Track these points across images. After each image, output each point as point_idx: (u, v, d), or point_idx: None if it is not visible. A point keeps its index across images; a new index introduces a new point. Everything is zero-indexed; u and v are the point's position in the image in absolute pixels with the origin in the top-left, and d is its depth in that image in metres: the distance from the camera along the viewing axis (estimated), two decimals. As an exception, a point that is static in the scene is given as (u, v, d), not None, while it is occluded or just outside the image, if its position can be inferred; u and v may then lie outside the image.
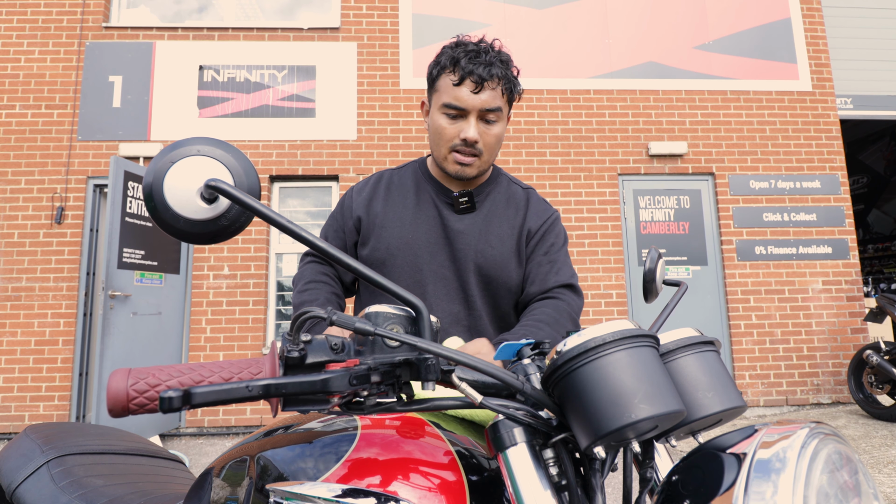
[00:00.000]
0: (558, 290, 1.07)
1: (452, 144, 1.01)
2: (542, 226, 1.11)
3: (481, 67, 0.96)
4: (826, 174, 4.86)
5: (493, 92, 0.98)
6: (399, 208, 1.10)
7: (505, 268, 1.07)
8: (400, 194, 1.12)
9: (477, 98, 0.97)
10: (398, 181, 1.14)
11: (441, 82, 1.01)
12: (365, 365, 0.42)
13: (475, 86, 0.96)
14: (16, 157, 4.39)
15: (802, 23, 5.04)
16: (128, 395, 0.39)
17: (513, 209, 1.12)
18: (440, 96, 1.01)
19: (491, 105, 0.98)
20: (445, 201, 1.10)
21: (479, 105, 0.98)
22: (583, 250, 4.63)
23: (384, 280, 0.44)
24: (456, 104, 0.98)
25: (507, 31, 4.87)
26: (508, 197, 1.14)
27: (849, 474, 0.43)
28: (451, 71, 0.98)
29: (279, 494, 0.52)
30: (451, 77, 0.98)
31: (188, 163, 0.42)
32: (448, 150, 1.02)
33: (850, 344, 4.63)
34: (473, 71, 0.96)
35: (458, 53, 0.98)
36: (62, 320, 4.21)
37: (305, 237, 0.43)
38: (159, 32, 4.66)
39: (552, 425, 0.46)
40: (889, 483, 2.69)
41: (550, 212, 1.15)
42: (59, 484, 0.85)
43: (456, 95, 0.98)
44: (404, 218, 1.08)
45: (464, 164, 1.02)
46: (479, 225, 1.08)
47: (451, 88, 0.98)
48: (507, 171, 1.42)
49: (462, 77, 0.97)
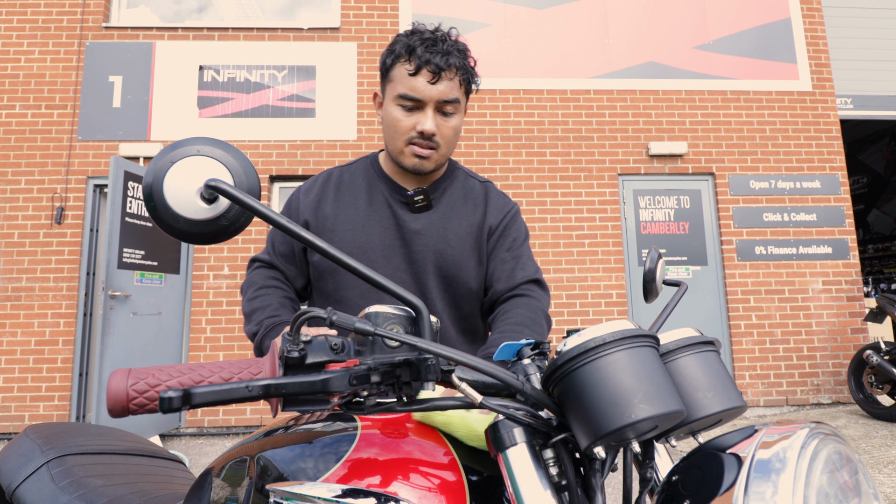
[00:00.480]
0: (526, 287, 1.03)
1: (409, 137, 0.96)
2: (502, 221, 1.07)
3: (438, 56, 0.91)
4: (826, 174, 4.86)
5: (450, 82, 0.94)
6: (350, 209, 1.04)
7: (465, 267, 1.03)
8: (351, 194, 1.05)
9: (434, 88, 0.93)
10: (349, 180, 1.08)
11: (396, 72, 0.95)
12: (365, 365, 0.42)
13: (432, 76, 0.92)
14: (16, 157, 4.39)
15: (802, 23, 5.04)
16: (128, 395, 0.39)
17: (471, 205, 1.07)
18: (395, 87, 0.95)
19: (448, 96, 0.94)
20: (400, 200, 1.04)
21: (436, 96, 0.93)
22: (583, 250, 4.63)
23: (384, 280, 0.44)
24: (412, 95, 0.93)
25: (507, 31, 4.87)
26: (466, 192, 1.08)
27: (849, 474, 0.43)
28: (406, 60, 0.93)
29: (279, 494, 0.52)
30: (406, 66, 0.93)
31: (188, 163, 0.42)
32: (404, 143, 0.97)
33: (850, 344, 4.63)
34: (430, 60, 0.91)
35: (413, 42, 0.93)
36: (62, 320, 4.21)
37: (305, 237, 0.43)
38: (159, 32, 4.66)
39: (552, 425, 0.46)
40: (889, 483, 2.68)
41: (510, 206, 1.10)
42: (59, 484, 0.85)
43: (412, 86, 0.92)
44: (356, 220, 1.02)
45: (421, 156, 0.97)
46: (436, 223, 1.03)
47: (407, 78, 0.93)
48: (507, 170, 1.39)
49: (418, 66, 0.91)
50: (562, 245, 4.63)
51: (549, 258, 4.60)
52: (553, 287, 4.56)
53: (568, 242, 4.64)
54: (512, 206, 1.11)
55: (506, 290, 1.02)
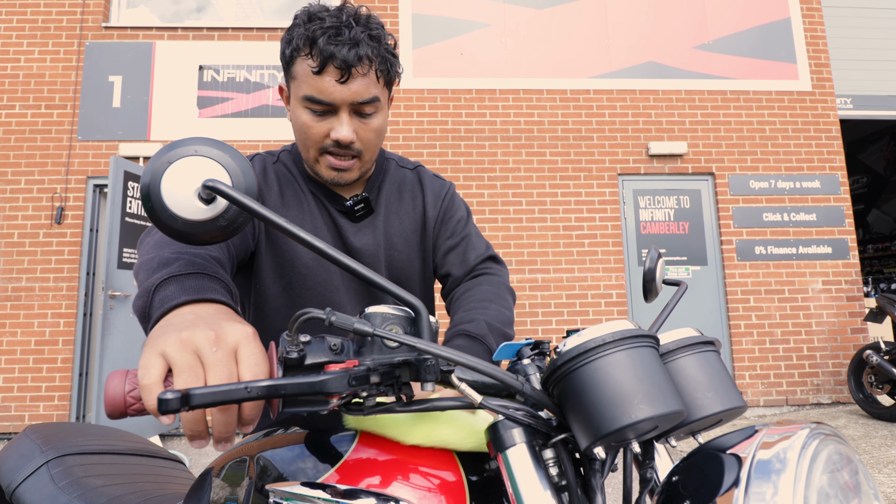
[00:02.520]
0: (482, 266, 0.98)
1: (323, 146, 0.82)
2: (441, 205, 0.99)
3: (345, 49, 0.75)
4: (826, 174, 4.86)
5: (364, 78, 0.78)
6: (297, 214, 0.90)
7: (413, 265, 0.97)
8: (294, 195, 0.91)
9: (345, 89, 0.77)
10: (284, 178, 0.92)
11: (298, 68, 0.79)
12: (364, 366, 0.42)
13: (340, 73, 0.76)
14: (16, 157, 4.39)
15: (802, 23, 5.04)
16: (125, 399, 0.38)
17: (409, 197, 0.98)
18: (299, 86, 0.79)
19: (364, 96, 0.78)
20: (339, 210, 0.92)
21: (349, 98, 0.78)
22: (583, 250, 4.63)
23: (383, 280, 0.44)
24: (319, 97, 0.77)
25: (506, 31, 4.87)
26: (400, 184, 0.99)
27: (849, 475, 0.43)
28: (307, 54, 0.76)
29: (279, 495, 0.52)
30: (309, 63, 0.76)
31: (185, 163, 0.42)
32: (318, 153, 0.83)
33: (850, 344, 4.63)
34: (335, 54, 0.74)
35: (313, 30, 0.75)
36: (62, 320, 4.21)
37: (303, 237, 0.42)
38: (159, 32, 4.66)
39: (552, 426, 0.46)
40: (889, 483, 2.68)
41: (445, 187, 1.02)
42: (58, 484, 0.84)
43: (318, 87, 0.77)
44: (304, 227, 0.89)
45: (340, 168, 0.84)
46: (380, 231, 0.94)
47: (311, 77, 0.77)
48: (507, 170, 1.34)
49: (322, 63, 0.75)
50: (562, 245, 4.63)
51: (549, 258, 4.60)
52: (553, 287, 4.57)
53: (568, 242, 4.63)
54: (447, 187, 1.02)
55: (463, 275, 0.97)
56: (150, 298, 0.54)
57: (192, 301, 0.52)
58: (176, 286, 0.54)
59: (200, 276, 0.57)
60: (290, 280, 0.89)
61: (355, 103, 0.79)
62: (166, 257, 0.60)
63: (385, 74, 0.82)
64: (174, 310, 0.51)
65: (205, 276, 0.57)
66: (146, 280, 0.57)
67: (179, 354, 0.41)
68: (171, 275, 0.56)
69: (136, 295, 0.57)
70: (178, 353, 0.41)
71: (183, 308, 0.51)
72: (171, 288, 0.54)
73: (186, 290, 0.53)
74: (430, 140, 4.68)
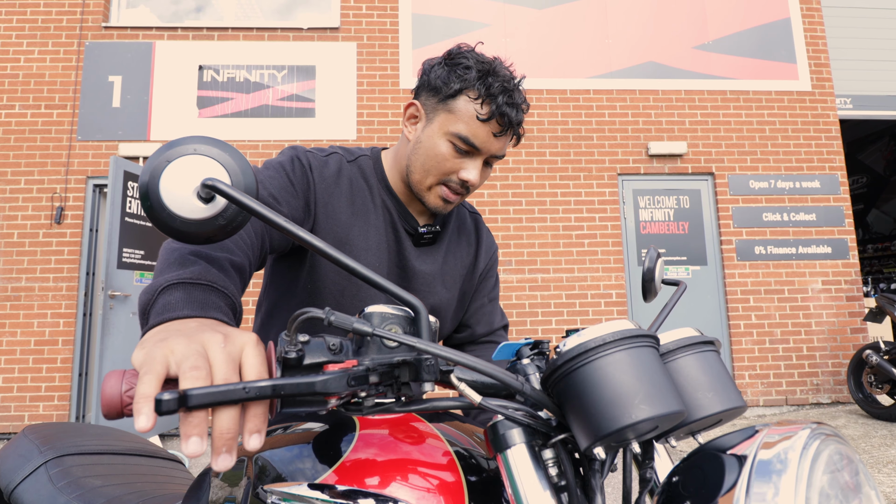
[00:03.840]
0: (497, 334, 1.06)
1: (447, 179, 0.86)
2: (489, 262, 1.05)
3: (514, 111, 0.82)
4: (826, 174, 4.86)
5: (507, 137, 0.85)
6: (363, 225, 0.90)
7: (449, 310, 0.99)
8: (363, 205, 0.91)
9: (497, 142, 0.83)
10: (357, 183, 0.92)
11: (461, 105, 0.82)
12: (363, 366, 0.42)
13: (500, 129, 0.82)
14: (15, 157, 4.38)
15: (802, 23, 5.04)
16: (122, 399, 0.38)
17: (465, 243, 1.02)
18: (454, 121, 0.83)
19: (503, 151, 0.86)
20: (407, 230, 0.93)
21: (494, 150, 0.84)
22: (582, 250, 4.63)
23: (382, 279, 0.44)
24: (473, 141, 0.82)
25: (507, 31, 4.87)
26: (461, 225, 1.03)
27: (850, 475, 0.43)
28: (478, 99, 0.81)
29: (277, 495, 0.52)
30: (476, 107, 0.81)
31: (184, 162, 0.42)
32: (437, 182, 0.86)
33: (850, 344, 4.63)
34: (506, 113, 0.81)
35: (493, 85, 0.80)
36: (62, 320, 4.20)
37: (303, 237, 0.42)
38: (159, 32, 4.65)
39: (552, 426, 0.46)
40: (889, 483, 2.68)
41: (494, 247, 1.07)
42: (57, 484, 0.84)
43: (477, 133, 0.82)
44: (369, 239, 0.90)
45: (450, 202, 0.88)
46: (438, 264, 0.97)
47: (474, 121, 0.81)
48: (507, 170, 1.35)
49: (491, 114, 0.80)
50: (561, 245, 4.63)
51: (549, 258, 4.60)
52: (553, 287, 4.57)
53: (567, 242, 4.63)
54: (496, 247, 1.09)
55: (483, 335, 1.04)
56: (155, 299, 0.53)
57: (192, 317, 0.51)
58: (182, 294, 0.52)
59: (208, 290, 0.55)
60: None
61: (493, 156, 0.86)
62: (185, 257, 0.58)
63: (518, 138, 0.88)
64: (174, 321, 0.50)
65: (213, 289, 0.55)
66: (160, 272, 0.56)
67: (187, 355, 0.40)
68: (181, 280, 0.54)
69: (145, 289, 0.55)
70: (185, 355, 0.40)
71: (185, 319, 0.50)
72: (177, 295, 0.52)
73: (191, 304, 0.52)
74: (430, 140, 4.67)
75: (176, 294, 0.52)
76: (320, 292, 0.89)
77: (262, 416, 0.40)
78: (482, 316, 1.03)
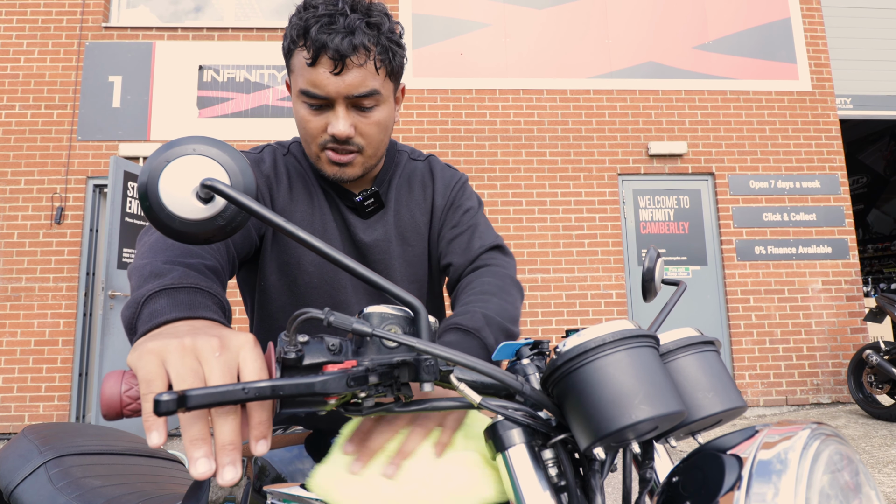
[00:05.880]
0: (486, 256, 0.89)
1: (322, 141, 0.78)
2: (449, 196, 0.95)
3: (339, 37, 0.70)
4: (826, 174, 4.86)
5: (361, 70, 0.73)
6: (308, 211, 0.86)
7: (422, 265, 0.95)
8: (304, 192, 0.88)
9: (339, 81, 0.72)
10: (294, 173, 0.89)
11: (295, 61, 0.75)
12: (362, 366, 0.42)
13: (334, 64, 0.71)
14: (16, 157, 4.38)
15: (802, 23, 5.04)
16: (121, 400, 0.38)
17: (419, 189, 0.94)
18: (296, 79, 0.76)
19: (360, 89, 0.74)
20: (348, 206, 0.89)
21: (343, 90, 0.73)
22: (582, 250, 4.63)
23: (381, 279, 0.44)
24: (313, 91, 0.73)
25: (507, 32, 4.87)
26: (411, 176, 0.95)
27: (850, 475, 0.43)
28: (302, 46, 0.73)
29: (277, 496, 0.52)
30: (303, 54, 0.73)
31: (183, 162, 0.42)
32: (319, 148, 0.79)
33: (850, 344, 4.63)
34: (328, 44, 0.70)
35: (306, 20, 0.72)
36: (62, 320, 4.20)
37: (302, 237, 0.42)
38: (159, 32, 4.66)
39: (551, 426, 0.46)
40: (889, 483, 2.68)
41: (457, 177, 0.98)
42: (56, 485, 0.84)
43: (312, 79, 0.73)
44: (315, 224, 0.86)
45: (341, 163, 0.79)
46: (391, 226, 0.91)
47: (306, 70, 0.73)
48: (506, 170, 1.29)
49: (316, 54, 0.71)
50: (561, 245, 4.63)
51: (549, 258, 4.60)
52: (552, 287, 4.56)
53: (567, 242, 4.63)
54: (458, 177, 0.98)
55: (466, 263, 0.89)
56: (139, 310, 0.52)
57: (182, 318, 0.50)
58: (167, 300, 0.52)
59: (192, 291, 0.54)
60: (296, 278, 0.86)
61: (352, 96, 0.74)
62: (159, 267, 0.58)
63: (386, 65, 0.76)
64: (164, 325, 0.49)
65: (197, 290, 0.55)
66: (137, 289, 0.55)
67: (181, 360, 0.40)
68: (162, 287, 0.53)
69: (125, 304, 0.54)
70: (179, 359, 0.40)
71: (176, 322, 0.49)
72: (161, 301, 0.51)
73: (178, 306, 0.51)
74: (430, 140, 4.68)
75: (160, 301, 0.51)
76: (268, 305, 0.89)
77: (266, 423, 0.41)
78: (457, 246, 0.90)
